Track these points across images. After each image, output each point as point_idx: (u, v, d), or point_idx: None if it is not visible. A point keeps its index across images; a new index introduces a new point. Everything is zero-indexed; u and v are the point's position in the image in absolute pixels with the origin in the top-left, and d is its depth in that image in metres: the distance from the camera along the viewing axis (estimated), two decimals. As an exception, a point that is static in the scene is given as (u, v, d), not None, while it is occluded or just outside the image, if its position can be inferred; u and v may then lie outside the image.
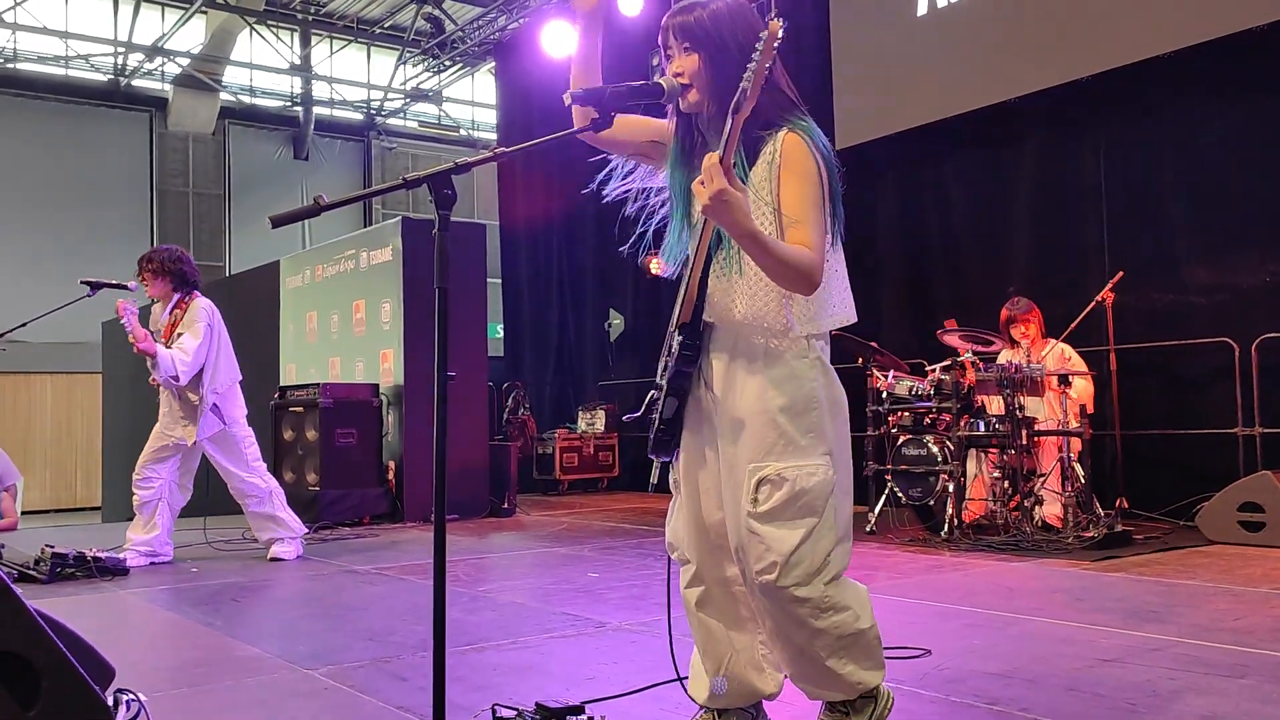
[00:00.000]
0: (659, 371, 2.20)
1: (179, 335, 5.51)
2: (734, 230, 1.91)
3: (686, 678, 2.35)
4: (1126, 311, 6.42)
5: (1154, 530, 5.92)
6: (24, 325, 5.87)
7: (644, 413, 2.22)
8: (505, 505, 8.08)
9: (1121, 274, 6.23)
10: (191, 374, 5.46)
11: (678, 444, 2.19)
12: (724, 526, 2.15)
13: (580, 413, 10.81)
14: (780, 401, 2.04)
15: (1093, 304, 6.16)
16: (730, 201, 1.86)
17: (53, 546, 5.12)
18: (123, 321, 5.34)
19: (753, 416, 2.05)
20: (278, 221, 1.83)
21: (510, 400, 11.00)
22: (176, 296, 5.60)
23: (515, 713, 2.28)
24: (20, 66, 16.45)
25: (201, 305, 5.57)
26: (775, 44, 1.84)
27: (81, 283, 5.55)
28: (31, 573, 5.00)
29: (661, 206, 2.35)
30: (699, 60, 2.09)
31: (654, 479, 2.24)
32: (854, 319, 2.15)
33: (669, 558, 2.32)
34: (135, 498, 5.59)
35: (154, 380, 5.57)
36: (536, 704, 2.26)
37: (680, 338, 2.10)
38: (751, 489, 2.02)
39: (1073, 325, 6.15)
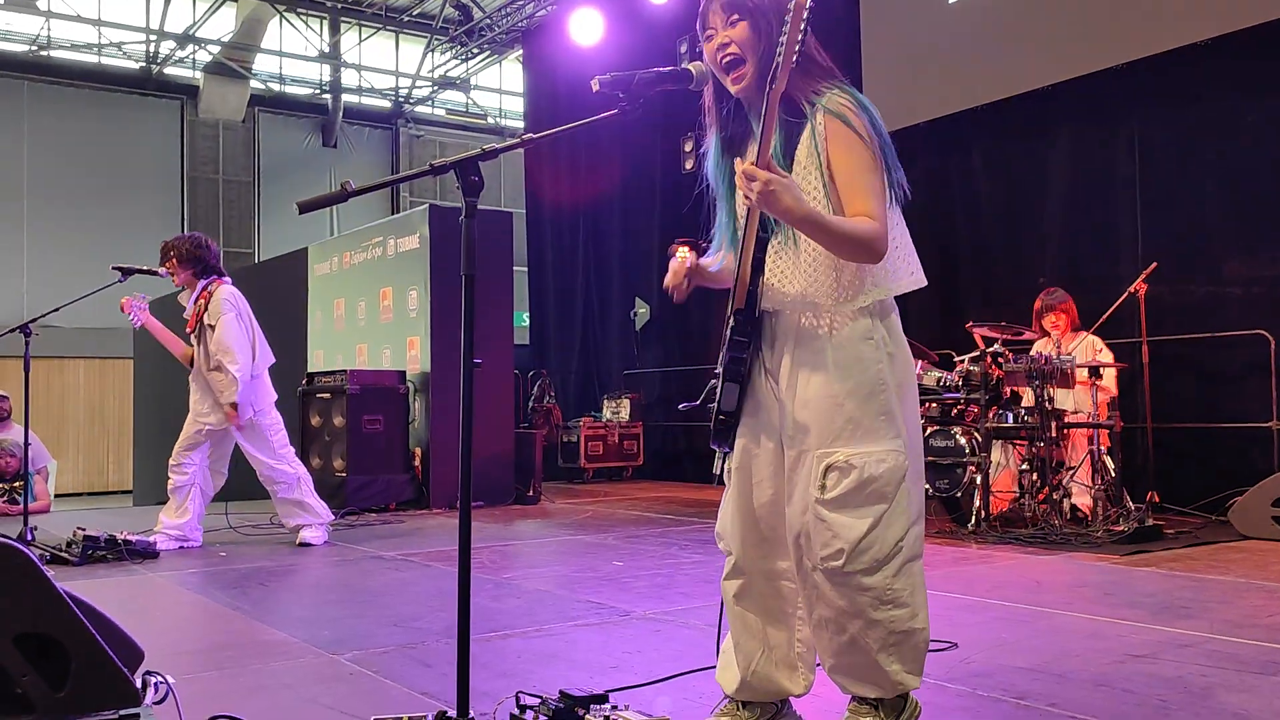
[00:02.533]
0: (719, 361, 2.19)
1: (209, 328, 5.53)
2: (789, 217, 1.90)
3: (712, 667, 2.34)
4: (1159, 303, 6.33)
5: (1185, 525, 5.85)
6: (57, 310, 5.94)
7: (703, 401, 2.20)
8: (530, 493, 8.10)
9: (1155, 265, 6.14)
10: (248, 367, 5.50)
11: (735, 432, 2.16)
12: (775, 518, 2.12)
13: (605, 401, 10.80)
14: (847, 386, 2.01)
15: (1125, 295, 6.08)
16: (777, 190, 1.85)
17: (84, 529, 5.18)
18: (137, 322, 5.47)
19: (819, 402, 2.02)
20: (305, 207, 1.83)
21: (536, 388, 11.02)
22: (201, 284, 5.63)
23: (539, 700, 2.28)
24: (54, 54, 16.61)
25: (225, 295, 5.58)
26: (804, 15, 1.81)
27: (113, 269, 5.61)
28: (63, 555, 5.06)
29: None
30: (748, 28, 2.05)
31: (717, 469, 2.22)
32: (923, 282, 2.10)
33: (721, 548, 2.30)
34: (170, 482, 5.65)
35: (197, 362, 5.64)
36: (560, 692, 2.25)
37: (734, 323, 2.08)
38: (819, 476, 2.00)
39: (1104, 317, 6.08)
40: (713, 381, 2.17)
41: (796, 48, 1.84)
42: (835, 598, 2.02)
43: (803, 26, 1.83)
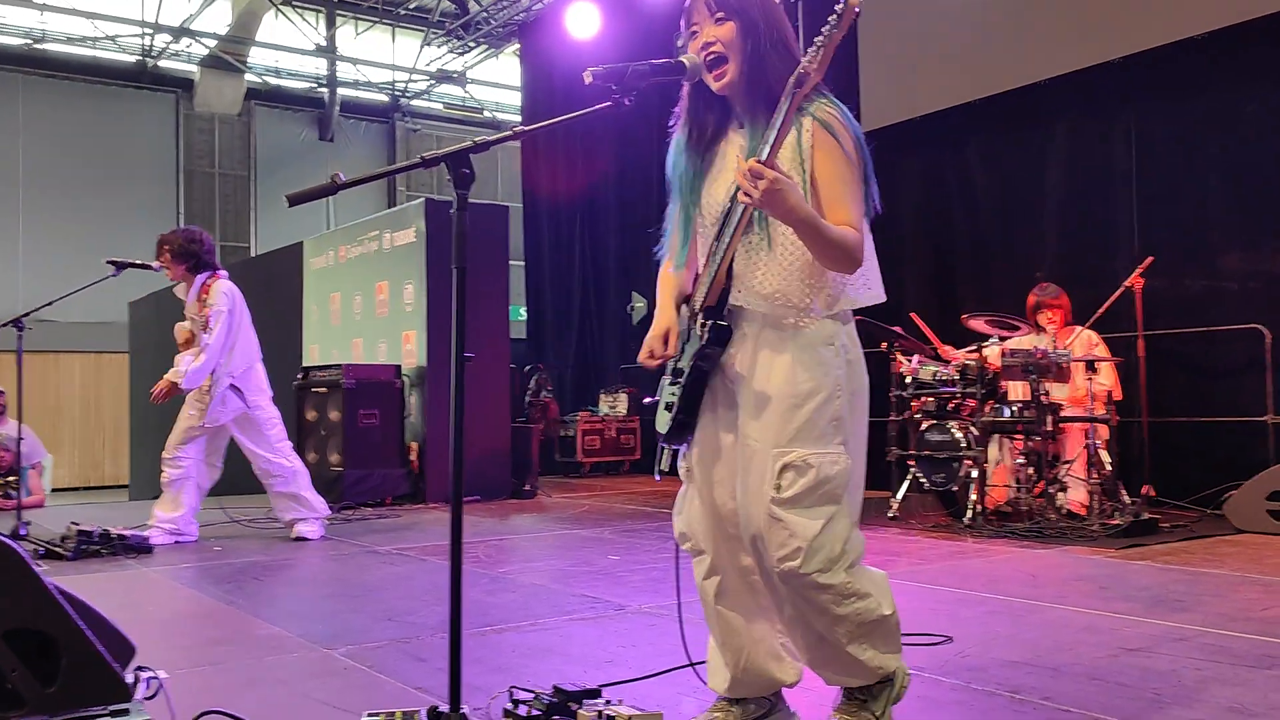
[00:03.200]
0: (674, 357, 2.17)
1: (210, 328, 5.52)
2: (791, 217, 1.90)
3: (702, 662, 2.34)
4: (1156, 297, 6.33)
5: (1181, 518, 5.85)
6: (50, 304, 5.92)
7: (660, 398, 2.19)
8: (526, 487, 8.09)
9: (1151, 259, 6.14)
10: (202, 377, 5.50)
11: (694, 430, 2.16)
12: (737, 516, 2.13)
13: (602, 396, 10.80)
14: (806, 387, 2.02)
15: (1121, 289, 6.07)
16: (783, 190, 1.86)
17: (78, 524, 5.17)
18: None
19: (778, 401, 2.02)
20: (295, 199, 1.82)
21: (532, 382, 11.01)
22: (199, 280, 5.61)
23: (532, 695, 2.27)
24: (49, 47, 16.57)
25: (223, 290, 5.57)
26: (854, 17, 1.83)
27: (107, 262, 5.59)
28: (58, 550, 5.05)
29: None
30: (735, 29, 2.05)
31: (664, 465, 2.21)
32: (883, 298, 2.12)
33: (677, 548, 2.29)
34: (164, 475, 5.63)
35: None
36: (554, 687, 2.25)
37: (706, 320, 2.07)
38: (775, 474, 1.99)
39: (1101, 310, 6.07)
40: (668, 377, 2.16)
41: (833, 51, 1.86)
42: (796, 599, 2.03)
43: (846, 31, 1.85)
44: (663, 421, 2.16)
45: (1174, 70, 6.64)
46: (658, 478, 2.24)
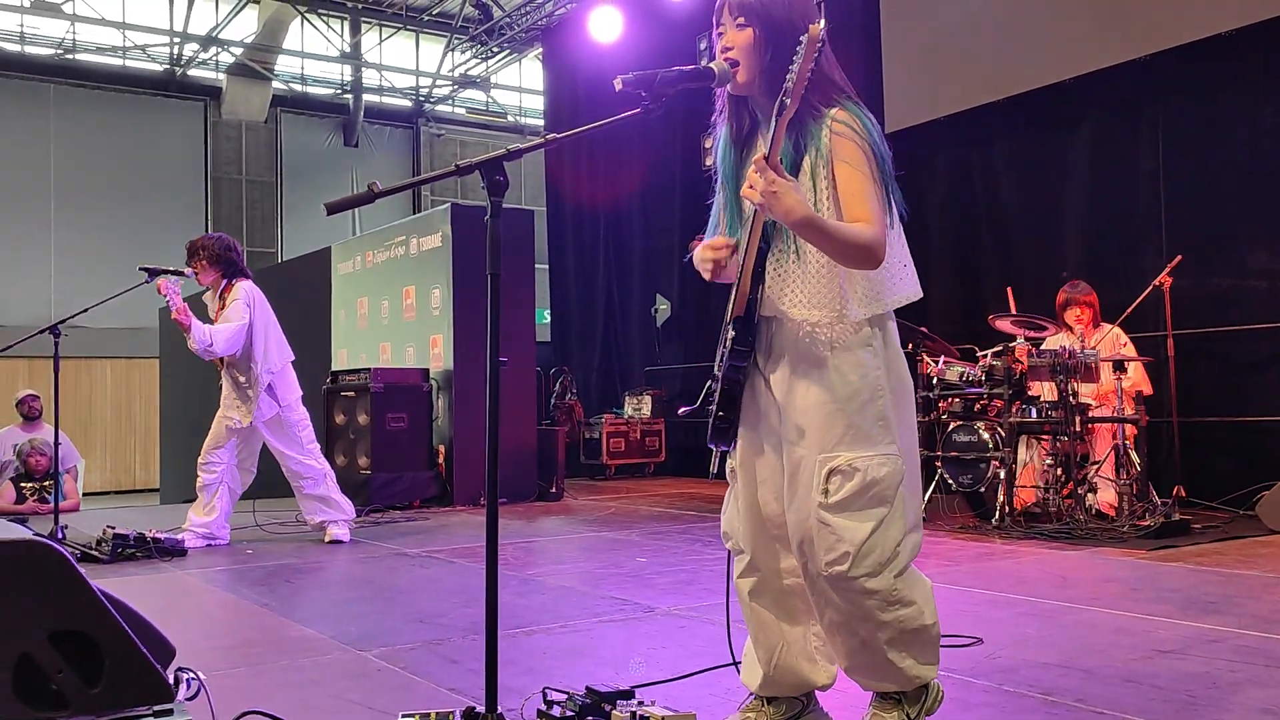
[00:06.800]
0: (716, 363, 2.20)
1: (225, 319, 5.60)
2: (790, 218, 1.92)
3: (738, 663, 2.35)
4: (1185, 296, 6.28)
5: (1213, 519, 5.80)
6: (85, 311, 6.00)
7: (701, 402, 2.22)
8: (553, 489, 8.12)
9: (1180, 258, 6.09)
10: (226, 348, 5.50)
11: (735, 433, 2.18)
12: (782, 518, 2.14)
13: (627, 398, 10.81)
14: (846, 391, 2.03)
15: (1150, 288, 6.04)
16: (780, 191, 1.88)
17: (114, 527, 5.24)
18: (165, 296, 5.44)
19: (819, 408, 2.04)
20: (333, 208, 1.85)
21: (557, 385, 11.04)
22: (224, 282, 5.71)
23: (566, 696, 2.29)
24: (79, 57, 16.78)
25: (242, 286, 5.65)
26: (817, 46, 1.84)
27: (140, 269, 5.66)
28: (94, 553, 5.12)
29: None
30: (751, 35, 2.07)
31: (713, 467, 2.24)
32: (919, 294, 2.12)
33: (728, 547, 2.31)
34: (199, 480, 5.70)
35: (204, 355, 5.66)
36: (587, 688, 2.27)
37: (733, 332, 2.09)
38: (822, 480, 2.01)
39: (1129, 310, 6.03)
40: (711, 384, 2.19)
41: (806, 81, 1.88)
42: (842, 603, 2.04)
43: (815, 58, 1.85)
44: (709, 425, 2.19)
45: (1201, 68, 6.59)
46: (710, 478, 2.27)
